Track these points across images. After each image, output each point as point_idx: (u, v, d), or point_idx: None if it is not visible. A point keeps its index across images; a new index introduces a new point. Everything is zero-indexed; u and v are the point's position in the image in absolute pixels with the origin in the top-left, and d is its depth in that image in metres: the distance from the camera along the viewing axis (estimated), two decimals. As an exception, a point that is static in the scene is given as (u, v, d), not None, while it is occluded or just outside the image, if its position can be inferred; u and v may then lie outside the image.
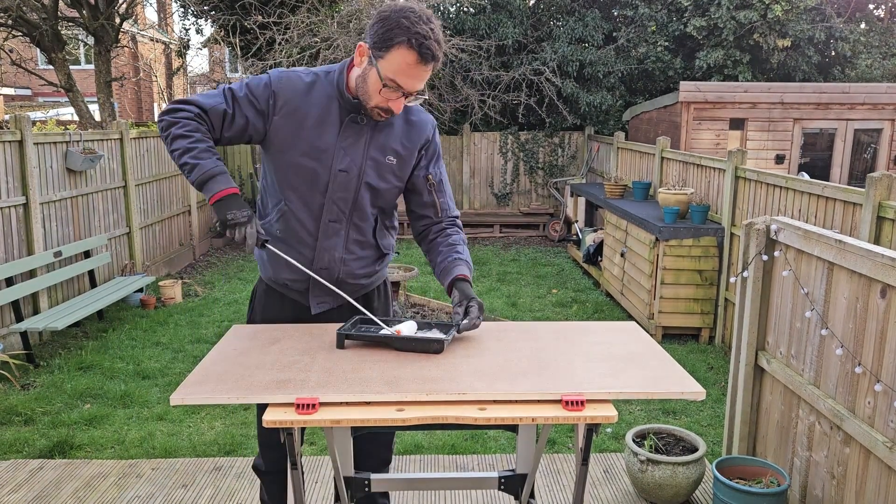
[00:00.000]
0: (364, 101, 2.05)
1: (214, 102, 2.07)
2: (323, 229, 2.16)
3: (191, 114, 2.04)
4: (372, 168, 2.14)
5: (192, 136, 2.01)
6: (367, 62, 2.00)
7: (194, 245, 9.40)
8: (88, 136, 6.59)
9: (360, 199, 2.16)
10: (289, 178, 2.13)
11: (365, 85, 2.02)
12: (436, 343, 1.93)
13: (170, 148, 2.03)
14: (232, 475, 3.41)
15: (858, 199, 3.96)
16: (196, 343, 5.74)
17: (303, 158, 2.09)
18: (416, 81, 1.99)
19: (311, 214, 2.15)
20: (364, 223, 2.21)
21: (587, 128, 11.29)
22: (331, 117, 2.09)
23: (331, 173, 2.11)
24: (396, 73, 1.95)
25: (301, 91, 2.09)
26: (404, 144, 2.18)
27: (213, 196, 1.99)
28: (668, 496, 3.08)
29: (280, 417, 1.60)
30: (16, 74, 17.86)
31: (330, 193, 2.13)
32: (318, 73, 2.13)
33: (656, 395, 1.70)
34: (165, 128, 2.04)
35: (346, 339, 1.98)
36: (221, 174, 2.00)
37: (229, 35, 11.00)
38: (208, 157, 2.00)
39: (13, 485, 3.33)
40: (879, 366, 2.37)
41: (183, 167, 2.00)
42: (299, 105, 2.08)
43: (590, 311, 6.79)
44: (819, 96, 8.26)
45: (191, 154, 1.99)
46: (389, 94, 2.00)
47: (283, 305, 2.31)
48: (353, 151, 2.11)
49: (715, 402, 4.60)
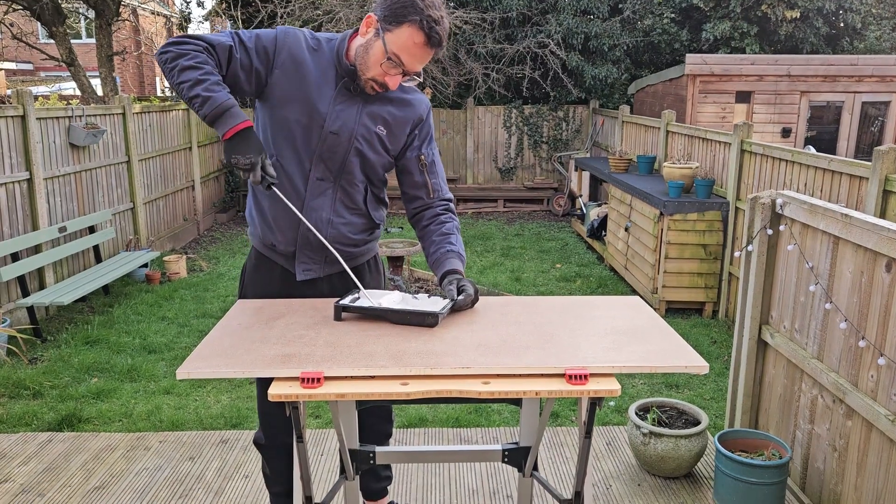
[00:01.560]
0: (361, 72, 2.05)
1: (222, 40, 2.04)
2: (311, 187, 2.16)
3: (199, 47, 1.98)
4: (362, 135, 2.15)
5: (203, 67, 1.94)
6: (374, 33, 2.00)
7: (198, 220, 9.40)
8: (91, 110, 6.57)
9: (349, 163, 2.17)
10: (283, 133, 2.13)
11: (366, 55, 2.02)
12: (430, 316, 1.95)
13: (177, 79, 1.93)
14: (238, 448, 3.45)
15: (865, 172, 3.93)
16: (201, 318, 5.77)
17: (298, 115, 2.10)
18: (418, 62, 2.00)
19: (300, 170, 2.15)
20: (352, 188, 2.22)
21: (592, 101, 11.20)
22: (328, 81, 2.11)
23: (322, 133, 2.12)
24: (402, 49, 1.97)
25: (305, 50, 2.10)
26: (396, 117, 2.19)
27: (226, 132, 1.92)
28: (670, 469, 3.11)
29: (285, 391, 1.61)
30: (17, 49, 17.76)
31: (320, 153, 2.14)
32: (322, 40, 2.15)
33: (659, 368, 1.71)
34: (173, 59, 1.95)
35: (342, 312, 1.99)
36: (234, 107, 1.94)
37: (231, 8, 10.90)
38: (220, 90, 1.94)
39: (23, 457, 3.37)
40: (883, 340, 2.37)
41: (193, 99, 1.92)
42: (302, 63, 2.09)
43: (593, 285, 6.80)
44: (827, 68, 8.17)
45: (202, 86, 1.91)
46: (389, 69, 2.00)
47: (271, 276, 2.31)
48: (346, 116, 2.12)
49: (718, 376, 4.62)
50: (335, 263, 2.26)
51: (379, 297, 2.06)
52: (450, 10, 10.50)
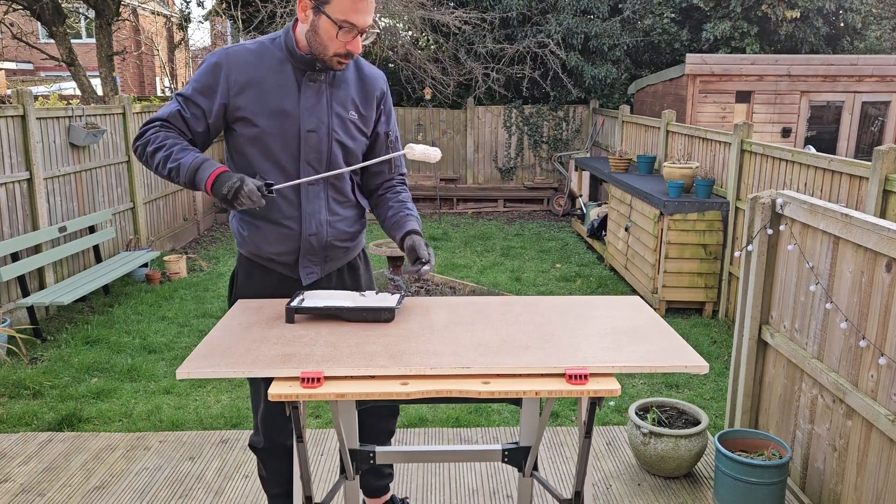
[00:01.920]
0: (320, 55, 2.06)
1: (169, 110, 2.10)
2: (304, 194, 2.17)
3: (155, 128, 2.07)
4: (338, 125, 2.17)
5: (165, 143, 2.04)
6: (313, 13, 2.02)
7: (198, 220, 9.40)
8: (91, 110, 6.57)
9: (334, 157, 2.18)
10: (261, 151, 2.13)
11: (317, 37, 2.04)
12: (386, 311, 1.95)
13: (153, 167, 2.05)
14: (238, 448, 3.45)
15: (865, 172, 3.93)
16: (201, 317, 5.77)
17: (270, 126, 2.10)
18: (365, 16, 2.02)
19: (288, 180, 2.14)
20: (341, 182, 2.24)
21: (592, 101, 11.20)
22: (287, 81, 2.11)
23: (300, 135, 2.12)
24: (346, 12, 1.98)
25: (251, 62, 2.10)
26: (363, 98, 2.22)
27: (206, 185, 1.97)
28: (670, 468, 3.11)
29: (285, 391, 1.61)
30: (17, 48, 17.76)
31: (304, 156, 2.14)
32: (263, 41, 2.15)
33: (659, 368, 1.71)
34: (142, 151, 2.07)
35: (294, 314, 1.99)
36: (204, 161, 2.00)
37: (231, 8, 10.90)
38: (185, 154, 2.01)
39: (23, 457, 3.37)
40: (883, 339, 2.37)
41: (170, 173, 2.02)
42: (253, 75, 2.09)
43: (594, 285, 6.80)
44: (827, 68, 8.17)
45: (170, 160, 2.01)
46: (346, 37, 2.01)
47: (267, 282, 2.29)
48: (318, 110, 2.13)
49: (718, 376, 4.62)
50: (333, 261, 2.29)
51: (328, 296, 2.08)
52: (449, 10, 10.51)
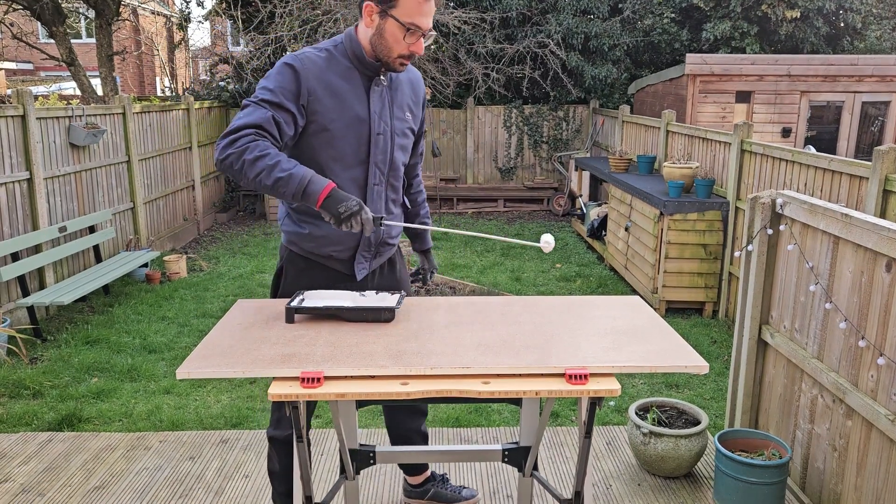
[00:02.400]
0: (385, 57, 2.14)
1: (259, 116, 2.05)
2: (369, 194, 2.28)
3: (250, 135, 2.01)
4: (398, 128, 2.29)
5: (268, 152, 1.99)
6: (379, 17, 2.10)
7: (198, 220, 9.40)
8: (91, 110, 6.57)
9: (395, 159, 2.31)
10: (331, 153, 2.19)
11: (383, 39, 2.12)
12: (387, 311, 1.96)
13: (251, 175, 1.98)
14: (238, 447, 3.45)
15: (865, 172, 3.93)
16: (201, 317, 5.77)
17: (345, 129, 2.18)
18: (429, 19, 2.11)
19: (356, 183, 2.24)
20: (397, 182, 2.37)
21: (592, 101, 11.20)
22: (356, 86, 2.19)
23: (371, 138, 2.22)
24: (413, 15, 2.07)
25: (323, 68, 2.16)
26: (414, 101, 2.37)
27: (318, 199, 1.96)
28: (670, 468, 3.11)
29: (285, 391, 1.61)
30: (17, 48, 17.76)
31: (372, 157, 2.24)
32: (328, 47, 2.21)
33: (659, 368, 1.71)
34: (236, 159, 1.99)
35: (294, 314, 1.99)
36: (313, 176, 1.98)
37: (230, 8, 10.90)
38: (293, 165, 1.99)
39: (23, 457, 3.37)
40: (883, 339, 2.37)
41: (276, 184, 1.96)
42: (329, 80, 2.15)
43: (593, 285, 6.80)
44: (827, 68, 8.16)
45: (279, 168, 1.96)
46: (411, 38, 2.10)
47: (319, 278, 2.34)
48: (384, 114, 2.24)
49: (718, 376, 4.62)
50: (381, 257, 2.41)
51: (328, 296, 2.10)
52: (449, 10, 10.50)
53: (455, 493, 2.89)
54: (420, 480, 2.89)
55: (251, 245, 8.65)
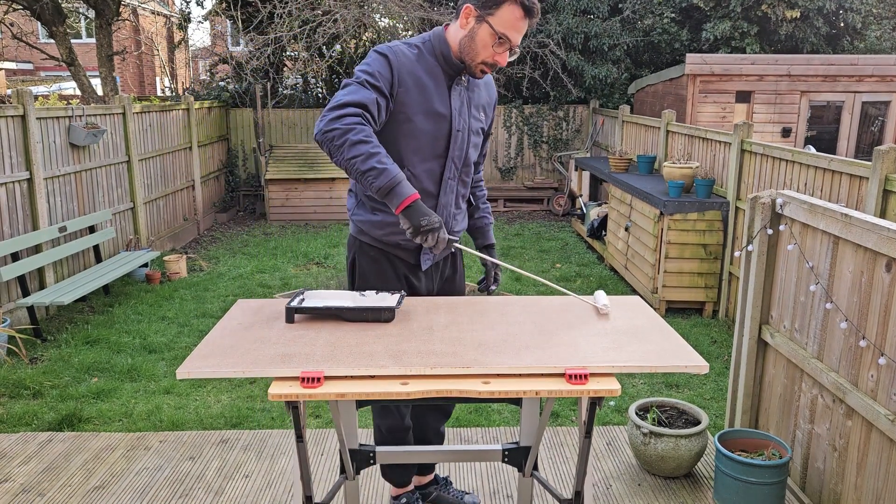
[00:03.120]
0: (469, 60, 2.22)
1: (364, 96, 2.10)
2: (443, 187, 2.35)
3: (358, 117, 2.04)
4: (474, 127, 2.37)
5: (371, 140, 2.02)
6: (475, 21, 2.17)
7: (198, 220, 9.40)
8: (91, 110, 6.57)
9: (469, 156, 2.39)
10: (412, 146, 2.26)
11: (472, 43, 2.19)
12: (387, 311, 1.97)
13: (348, 155, 2.01)
14: (238, 447, 3.45)
15: (865, 172, 3.93)
16: (201, 317, 5.77)
17: (427, 123, 2.24)
18: (520, 35, 2.19)
19: (431, 176, 2.32)
20: (468, 178, 2.46)
21: (592, 101, 11.20)
22: (440, 83, 2.26)
23: (451, 134, 2.29)
24: (506, 27, 2.15)
25: (413, 62, 2.23)
26: (487, 102, 2.46)
27: (402, 202, 2.00)
28: (670, 468, 3.11)
29: (285, 391, 1.61)
30: (17, 48, 17.76)
31: (451, 153, 2.32)
32: (417, 45, 2.28)
33: (659, 368, 1.71)
34: (340, 135, 2.01)
35: (294, 314, 1.99)
36: (404, 180, 2.02)
37: (230, 8, 10.90)
38: (389, 162, 2.02)
39: (23, 457, 3.37)
40: (883, 339, 2.37)
41: (368, 172, 1.99)
42: (417, 75, 2.23)
43: (594, 285, 6.80)
44: (827, 68, 8.16)
45: (376, 159, 2.00)
46: (499, 49, 2.18)
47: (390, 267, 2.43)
48: (463, 112, 2.31)
49: (718, 376, 4.62)
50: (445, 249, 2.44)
51: (328, 296, 2.10)
52: (449, 10, 10.50)
53: (457, 498, 2.88)
54: (425, 482, 2.89)
55: (251, 245, 8.65)
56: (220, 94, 11.04)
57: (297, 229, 9.64)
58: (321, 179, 9.95)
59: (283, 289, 6.66)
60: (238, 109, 10.95)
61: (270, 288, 6.67)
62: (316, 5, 9.91)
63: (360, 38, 10.93)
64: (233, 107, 10.99)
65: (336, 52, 11.23)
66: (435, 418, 2.79)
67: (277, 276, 7.14)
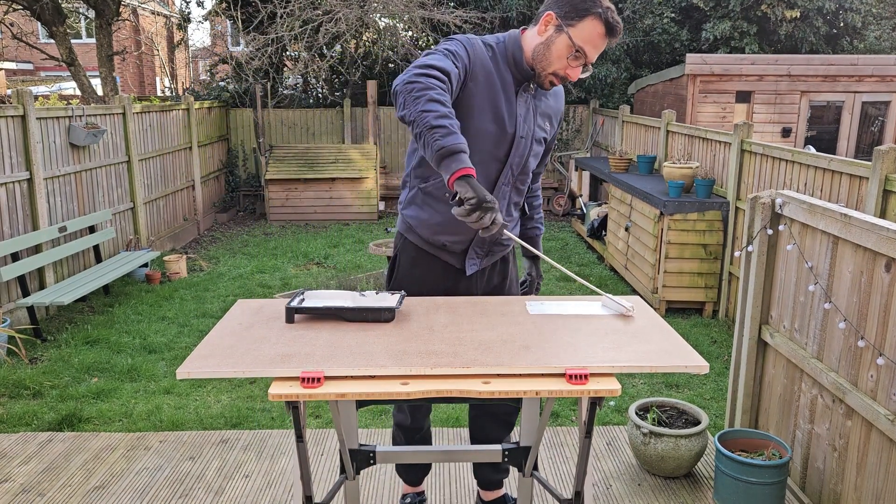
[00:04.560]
0: (541, 69, 2.15)
1: (448, 65, 2.01)
2: (496, 192, 2.28)
3: (442, 81, 1.95)
4: (538, 135, 2.30)
5: (447, 102, 1.91)
6: (555, 30, 2.11)
7: (198, 220, 9.40)
8: (91, 110, 6.57)
9: (528, 164, 2.32)
10: (471, 143, 2.14)
11: (548, 52, 2.13)
12: (387, 311, 1.97)
13: (421, 108, 1.87)
14: (239, 447, 3.45)
15: (865, 172, 3.93)
16: (201, 317, 5.77)
17: (489, 124, 2.17)
18: (597, 52, 2.12)
19: (486, 178, 2.24)
20: (523, 186, 2.38)
21: (592, 101, 11.20)
22: (508, 86, 2.19)
23: (514, 139, 2.22)
24: (585, 41, 2.09)
25: (488, 58, 2.17)
26: (554, 113, 2.38)
27: (457, 171, 1.83)
28: (670, 468, 3.11)
29: (285, 391, 1.61)
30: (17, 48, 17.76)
31: (511, 158, 2.25)
32: (492, 44, 2.22)
33: (659, 368, 1.71)
34: (420, 88, 1.89)
35: (294, 314, 1.99)
36: (467, 152, 1.89)
37: (230, 8, 10.90)
38: (458, 130, 1.90)
39: (23, 457, 3.37)
40: (883, 339, 2.37)
41: (437, 128, 1.84)
42: (490, 73, 2.17)
43: (594, 285, 6.80)
44: (827, 68, 8.16)
45: (449, 120, 1.86)
46: (573, 61, 2.12)
47: (429, 270, 2.38)
48: (528, 118, 2.25)
49: (718, 376, 4.62)
50: (492, 256, 2.41)
51: (328, 296, 2.10)
52: (449, 9, 10.50)
53: None
54: (493, 497, 2.80)
55: (251, 245, 8.65)
56: (220, 94, 11.04)
57: (297, 229, 9.64)
58: (321, 179, 9.95)
59: (283, 289, 6.66)
60: (238, 109, 10.95)
61: (270, 288, 6.67)
62: (317, 5, 9.91)
63: (360, 37, 10.93)
64: (233, 107, 10.99)
65: (336, 53, 11.23)
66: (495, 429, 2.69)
67: (277, 276, 7.15)
